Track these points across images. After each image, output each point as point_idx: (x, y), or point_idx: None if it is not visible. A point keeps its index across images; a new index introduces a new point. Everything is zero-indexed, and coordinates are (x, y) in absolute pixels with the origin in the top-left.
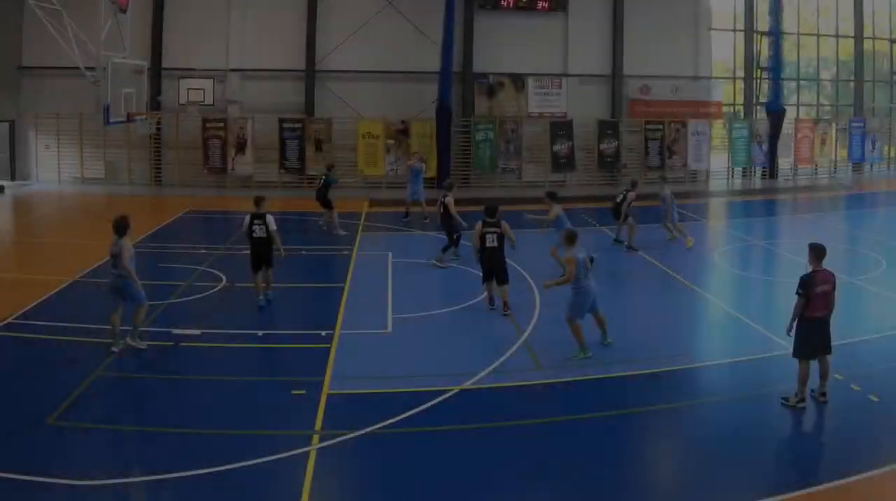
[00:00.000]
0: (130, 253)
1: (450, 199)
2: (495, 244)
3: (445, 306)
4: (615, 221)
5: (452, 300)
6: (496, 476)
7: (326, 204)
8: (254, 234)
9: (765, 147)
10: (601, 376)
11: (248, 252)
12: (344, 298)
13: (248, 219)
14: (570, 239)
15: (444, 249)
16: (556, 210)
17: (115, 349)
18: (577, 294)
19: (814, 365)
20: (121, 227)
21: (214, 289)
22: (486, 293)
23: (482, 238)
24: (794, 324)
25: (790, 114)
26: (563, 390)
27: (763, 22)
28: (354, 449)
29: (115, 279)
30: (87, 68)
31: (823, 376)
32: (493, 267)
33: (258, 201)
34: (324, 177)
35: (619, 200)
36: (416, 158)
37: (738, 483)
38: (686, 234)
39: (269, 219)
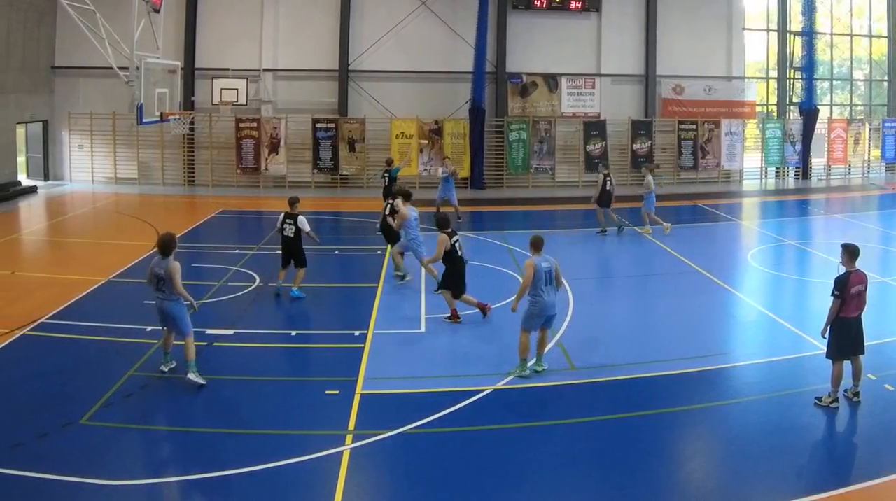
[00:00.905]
0: (180, 274)
1: (398, 202)
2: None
3: None
4: (602, 208)
5: (485, 299)
6: (529, 476)
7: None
8: (284, 232)
9: (798, 147)
10: (634, 376)
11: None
12: (377, 298)
13: (281, 216)
14: (535, 245)
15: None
16: (405, 212)
17: (164, 368)
18: (533, 305)
19: (847, 365)
20: (167, 246)
21: (247, 289)
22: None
23: (450, 250)
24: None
25: (823, 114)
26: (596, 390)
27: (796, 22)
28: (387, 449)
29: (162, 303)
30: (121, 68)
31: (856, 376)
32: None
33: (292, 202)
34: (386, 174)
35: (608, 187)
36: (444, 167)
37: (771, 482)
38: (660, 222)
39: (301, 219)
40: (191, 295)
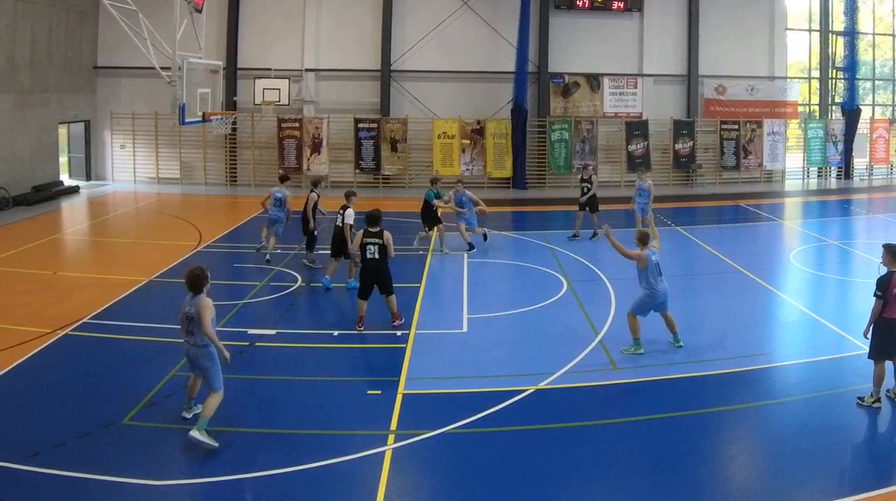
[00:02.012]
0: (212, 314)
1: (313, 195)
2: (376, 256)
3: (521, 305)
4: (589, 213)
5: (528, 299)
6: (571, 476)
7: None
8: (336, 222)
9: (840, 147)
10: (677, 376)
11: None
12: (419, 298)
13: (340, 208)
14: (643, 240)
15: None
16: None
17: (185, 415)
18: (649, 295)
19: (889, 365)
20: (196, 282)
21: (289, 290)
22: (359, 314)
23: (363, 249)
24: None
25: (865, 114)
26: (638, 390)
27: (838, 22)
28: (429, 449)
29: (191, 349)
30: (163, 68)
31: None
32: (376, 281)
33: (348, 195)
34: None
35: (588, 189)
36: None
37: (814, 482)
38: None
39: (348, 212)
40: (222, 344)
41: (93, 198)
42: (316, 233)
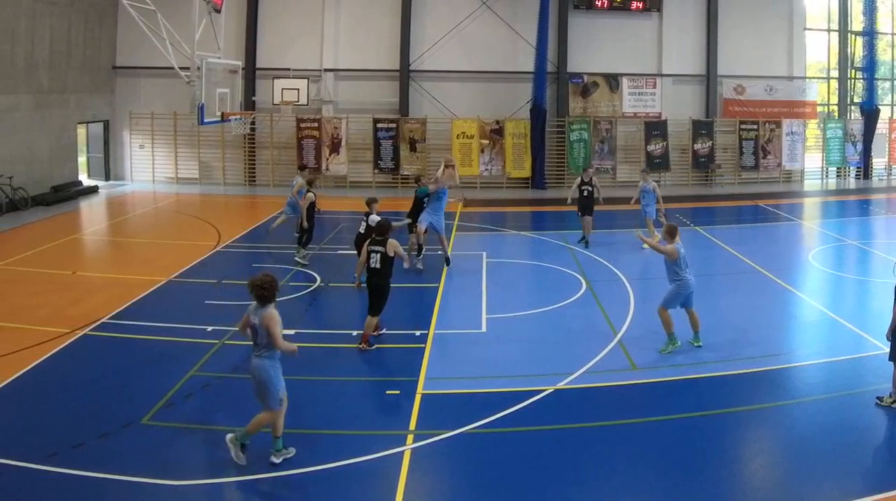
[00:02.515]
0: (281, 327)
1: (310, 195)
2: (377, 265)
3: (539, 305)
4: (582, 216)
5: (546, 299)
6: (590, 476)
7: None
8: (359, 229)
9: (859, 147)
10: (696, 376)
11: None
12: (438, 298)
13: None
14: (672, 232)
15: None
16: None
17: (275, 459)
18: (679, 286)
19: None
20: (265, 292)
21: (309, 289)
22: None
23: (367, 256)
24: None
25: (884, 113)
26: (657, 390)
27: (857, 22)
28: (448, 449)
29: (254, 359)
30: (182, 68)
31: None
32: (370, 292)
33: (368, 202)
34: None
35: (591, 191)
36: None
37: (832, 482)
38: (653, 234)
39: (371, 218)
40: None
41: (112, 197)
42: (312, 231)
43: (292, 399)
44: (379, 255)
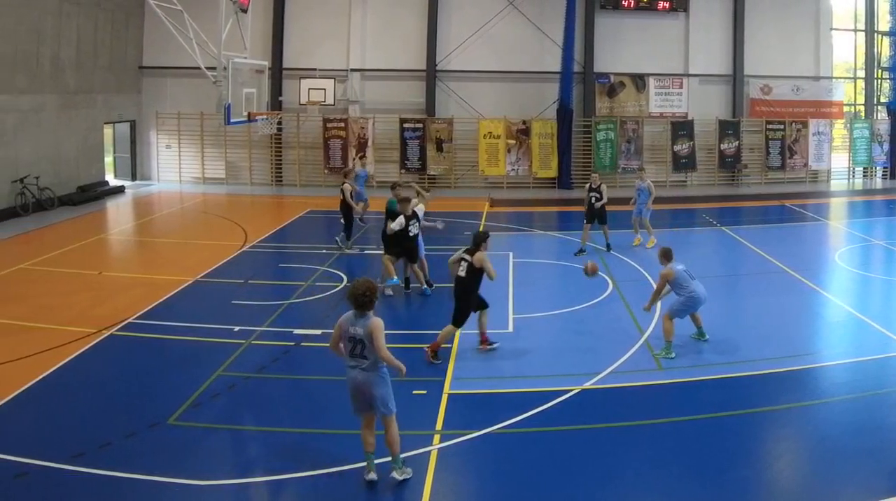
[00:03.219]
0: (383, 334)
1: (346, 187)
2: (463, 274)
3: (566, 305)
4: (599, 225)
5: (573, 299)
6: (617, 476)
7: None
8: (410, 233)
9: (885, 147)
10: (722, 376)
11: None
12: None
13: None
14: (667, 255)
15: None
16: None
17: (368, 477)
18: (689, 299)
19: None
20: (365, 299)
21: (335, 289)
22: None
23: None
24: None
25: None
26: (684, 390)
27: (884, 22)
28: (475, 449)
29: (359, 376)
30: (208, 68)
31: None
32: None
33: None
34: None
35: (597, 199)
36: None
37: (859, 482)
38: (651, 232)
39: (391, 226)
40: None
41: (138, 198)
42: (361, 220)
43: (318, 399)
44: (466, 265)
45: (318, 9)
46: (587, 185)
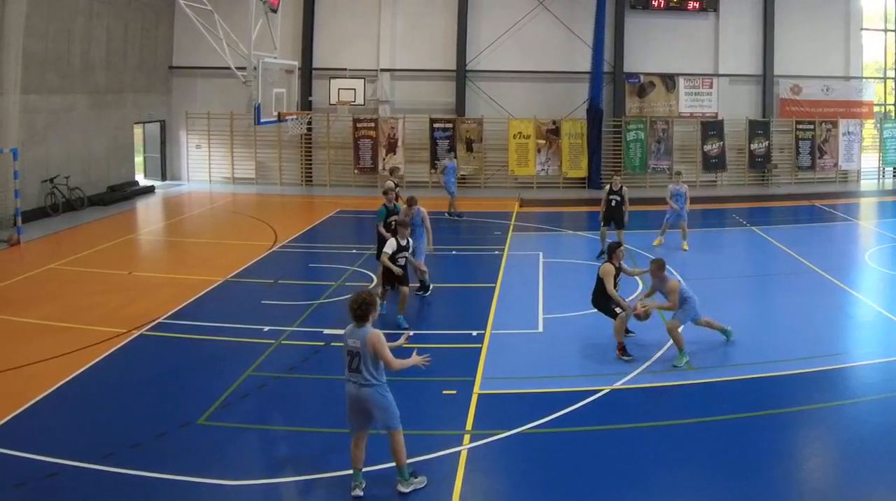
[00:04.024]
0: (385, 345)
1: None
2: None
3: None
4: (615, 228)
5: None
6: (646, 476)
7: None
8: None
9: None
10: (752, 376)
11: None
12: (495, 298)
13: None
14: (662, 266)
15: None
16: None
17: (358, 493)
18: (692, 306)
19: None
20: (362, 310)
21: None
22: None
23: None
24: None
25: None
26: (713, 390)
27: None
28: (505, 449)
29: (360, 390)
30: (238, 68)
31: None
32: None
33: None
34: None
35: (619, 201)
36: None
37: (889, 483)
38: (663, 233)
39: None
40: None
41: (168, 197)
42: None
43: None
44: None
45: (347, 9)
46: (607, 187)
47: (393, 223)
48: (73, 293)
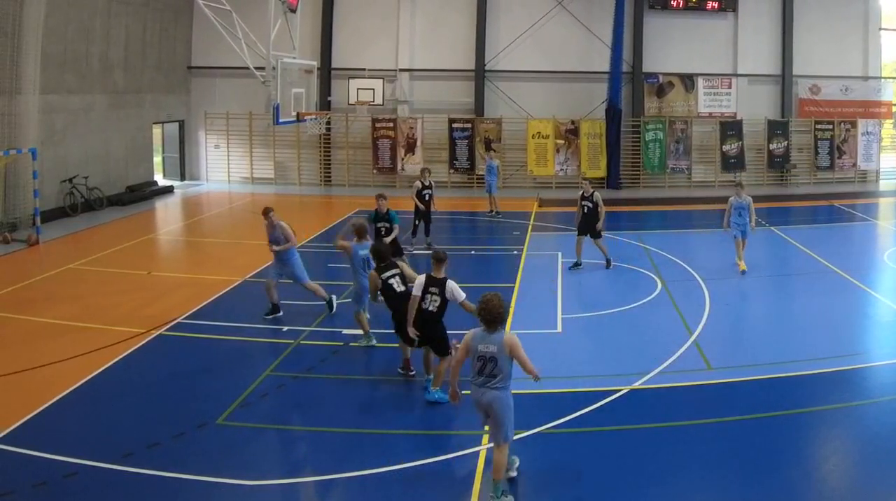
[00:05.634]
0: (521, 347)
1: (417, 184)
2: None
3: (615, 305)
4: (592, 239)
5: (622, 299)
6: (666, 476)
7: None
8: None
9: None
10: (771, 376)
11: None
12: (514, 298)
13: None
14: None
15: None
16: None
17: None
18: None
19: None
20: (498, 315)
21: None
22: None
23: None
24: None
25: None
26: (732, 390)
27: None
28: (524, 449)
29: (486, 393)
30: (257, 68)
31: None
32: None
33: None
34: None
35: (589, 209)
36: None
37: None
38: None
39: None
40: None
41: (187, 197)
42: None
43: (366, 399)
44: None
45: (366, 9)
46: (579, 194)
47: (383, 229)
48: (91, 293)
